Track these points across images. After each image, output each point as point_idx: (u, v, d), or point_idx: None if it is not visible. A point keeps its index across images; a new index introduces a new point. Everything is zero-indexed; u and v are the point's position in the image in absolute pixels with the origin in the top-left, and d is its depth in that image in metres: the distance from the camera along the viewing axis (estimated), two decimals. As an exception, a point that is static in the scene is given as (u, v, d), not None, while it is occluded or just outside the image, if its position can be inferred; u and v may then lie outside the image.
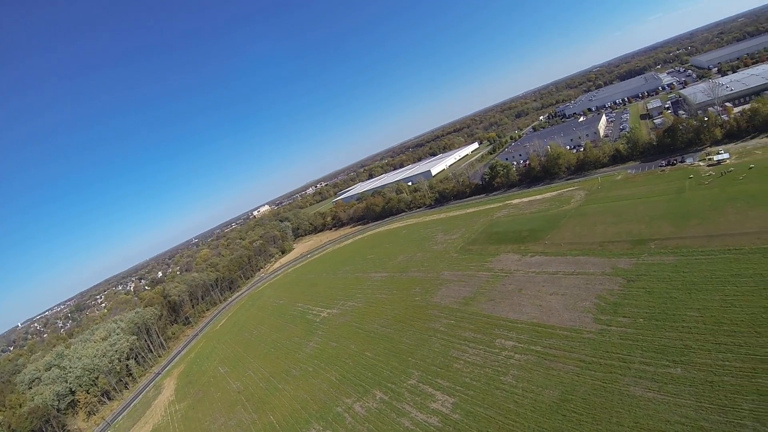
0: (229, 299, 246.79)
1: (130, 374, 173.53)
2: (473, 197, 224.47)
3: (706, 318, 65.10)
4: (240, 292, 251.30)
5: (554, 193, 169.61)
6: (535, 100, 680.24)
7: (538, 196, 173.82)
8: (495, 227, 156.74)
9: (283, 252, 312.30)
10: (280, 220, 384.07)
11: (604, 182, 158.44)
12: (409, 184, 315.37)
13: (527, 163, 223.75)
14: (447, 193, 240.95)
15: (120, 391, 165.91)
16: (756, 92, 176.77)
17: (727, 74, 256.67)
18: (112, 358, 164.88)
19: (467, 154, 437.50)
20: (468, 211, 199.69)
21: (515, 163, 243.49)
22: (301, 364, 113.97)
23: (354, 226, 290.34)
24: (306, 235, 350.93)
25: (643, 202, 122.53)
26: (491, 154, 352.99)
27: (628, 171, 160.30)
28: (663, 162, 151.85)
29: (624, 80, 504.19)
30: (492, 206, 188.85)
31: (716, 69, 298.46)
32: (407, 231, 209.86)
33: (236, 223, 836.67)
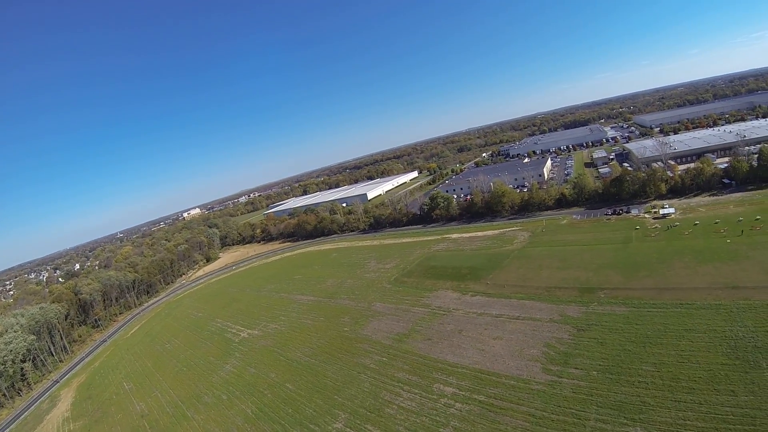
0: (146, 304, 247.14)
1: (25, 379, 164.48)
2: (410, 227, 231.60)
3: (662, 373, 66.82)
4: (158, 298, 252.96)
5: (496, 231, 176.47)
6: (478, 137, 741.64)
7: (480, 233, 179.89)
8: (432, 261, 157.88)
9: (208, 260, 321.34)
10: (208, 226, 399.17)
11: (548, 225, 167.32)
12: (344, 205, 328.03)
13: (469, 197, 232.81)
14: (382, 220, 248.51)
15: (11, 398, 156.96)
16: (698, 154, 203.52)
17: (669, 134, 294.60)
18: (6, 358, 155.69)
19: (405, 182, 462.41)
20: (404, 240, 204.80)
21: (456, 196, 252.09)
22: (214, 390, 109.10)
23: (283, 242, 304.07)
24: (234, 245, 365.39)
25: (589, 249, 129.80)
26: (431, 184, 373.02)
27: (573, 216, 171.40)
28: (609, 210, 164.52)
29: (568, 129, 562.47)
30: (430, 238, 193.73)
31: (659, 129, 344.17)
32: (338, 254, 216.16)
33: (165, 223, 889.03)
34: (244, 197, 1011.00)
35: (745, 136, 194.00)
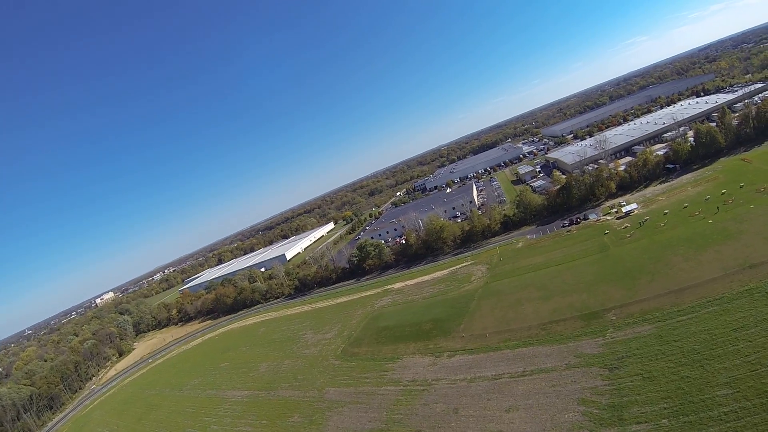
0: (49, 424, 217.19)
1: None
2: (342, 283, 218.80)
3: (746, 393, 56.46)
4: (64, 414, 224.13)
5: (445, 271, 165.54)
6: (387, 178, 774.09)
7: (426, 277, 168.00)
8: (382, 320, 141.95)
9: (121, 354, 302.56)
10: (120, 313, 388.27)
11: (504, 252, 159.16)
12: (263, 270, 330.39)
13: (401, 239, 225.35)
14: (309, 280, 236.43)
15: None
16: (626, 148, 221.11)
17: (585, 138, 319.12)
18: None
19: (323, 235, 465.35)
20: (339, 300, 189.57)
21: (384, 240, 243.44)
22: None
23: (203, 321, 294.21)
24: (149, 330, 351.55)
25: (567, 268, 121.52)
26: (351, 233, 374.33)
27: (528, 236, 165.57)
28: (565, 222, 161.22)
29: (479, 153, 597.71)
30: (369, 293, 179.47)
31: (572, 135, 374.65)
32: (266, 328, 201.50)
33: (77, 312, 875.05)
34: (159, 274, 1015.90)
35: (676, 119, 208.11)
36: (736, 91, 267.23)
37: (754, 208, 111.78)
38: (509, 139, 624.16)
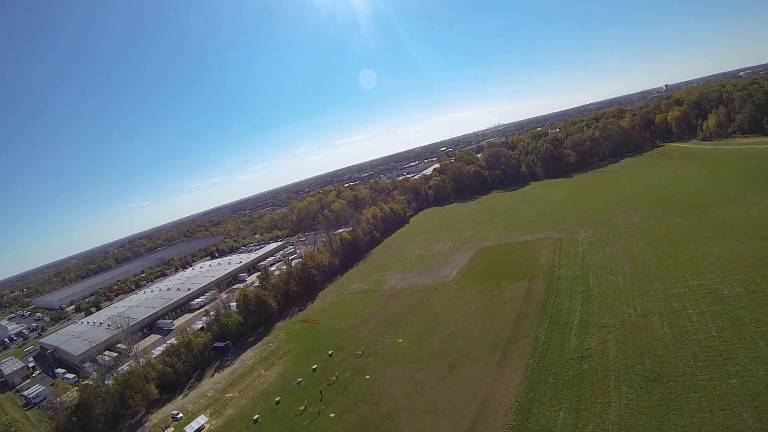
0: None
1: None
2: None
3: None
4: None
5: None
6: None
7: None
8: None
9: None
10: None
11: None
12: None
13: None
14: None
15: None
16: (149, 324, 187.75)
17: (92, 312, 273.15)
18: None
19: None
20: None
21: None
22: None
23: None
24: None
25: None
26: None
27: None
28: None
29: None
30: None
31: (74, 307, 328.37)
32: None
33: None
34: None
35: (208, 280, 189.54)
36: (254, 250, 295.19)
37: (372, 377, 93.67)
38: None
